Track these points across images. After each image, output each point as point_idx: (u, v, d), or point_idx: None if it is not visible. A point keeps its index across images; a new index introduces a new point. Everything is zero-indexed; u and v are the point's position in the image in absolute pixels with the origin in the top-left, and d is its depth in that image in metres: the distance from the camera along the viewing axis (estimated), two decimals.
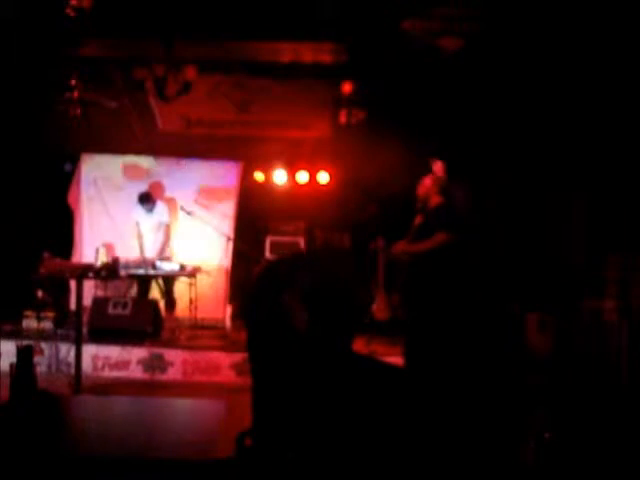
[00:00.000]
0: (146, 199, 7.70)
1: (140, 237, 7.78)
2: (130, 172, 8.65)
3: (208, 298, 8.18)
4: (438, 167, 5.51)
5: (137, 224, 7.83)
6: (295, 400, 1.76)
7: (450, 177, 7.32)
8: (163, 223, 7.81)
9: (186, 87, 7.41)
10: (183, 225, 8.35)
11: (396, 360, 4.95)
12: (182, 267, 7.42)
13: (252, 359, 1.66)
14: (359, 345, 1.99)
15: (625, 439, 4.07)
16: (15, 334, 6.71)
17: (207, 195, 8.45)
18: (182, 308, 7.71)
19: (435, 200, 5.33)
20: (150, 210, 7.74)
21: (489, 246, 6.69)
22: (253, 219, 8.59)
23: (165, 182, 8.61)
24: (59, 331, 6.97)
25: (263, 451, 1.75)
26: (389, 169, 6.99)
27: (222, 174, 8.72)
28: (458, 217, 5.43)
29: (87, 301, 6.82)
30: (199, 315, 7.73)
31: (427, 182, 5.39)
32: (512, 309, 6.32)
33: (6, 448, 2.17)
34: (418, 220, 5.38)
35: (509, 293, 6.35)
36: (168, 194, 8.48)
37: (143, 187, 8.21)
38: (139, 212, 7.83)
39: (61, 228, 8.46)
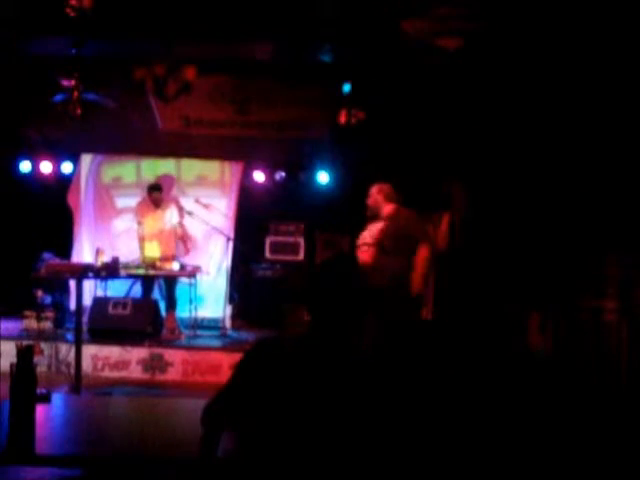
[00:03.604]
0: (155, 188, 7.75)
1: (141, 238, 7.75)
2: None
3: (208, 298, 8.18)
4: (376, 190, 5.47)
5: (139, 223, 7.80)
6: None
7: (450, 178, 7.33)
8: (174, 224, 7.77)
9: (186, 87, 7.40)
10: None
11: None
12: (182, 267, 7.42)
13: None
14: None
15: (625, 439, 4.08)
16: (15, 334, 6.71)
17: (207, 195, 8.43)
18: (182, 308, 7.71)
19: (388, 208, 5.36)
20: (157, 205, 7.73)
21: (489, 247, 6.68)
22: (253, 219, 8.58)
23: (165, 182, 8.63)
24: (59, 331, 6.97)
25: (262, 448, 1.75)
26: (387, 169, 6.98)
27: (222, 174, 8.72)
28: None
29: (87, 301, 6.83)
30: (199, 315, 7.72)
31: (373, 191, 5.42)
32: (513, 309, 6.32)
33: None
34: (379, 226, 5.32)
35: (510, 293, 6.35)
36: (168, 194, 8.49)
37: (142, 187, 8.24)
38: (142, 212, 7.82)
39: (61, 228, 8.46)
